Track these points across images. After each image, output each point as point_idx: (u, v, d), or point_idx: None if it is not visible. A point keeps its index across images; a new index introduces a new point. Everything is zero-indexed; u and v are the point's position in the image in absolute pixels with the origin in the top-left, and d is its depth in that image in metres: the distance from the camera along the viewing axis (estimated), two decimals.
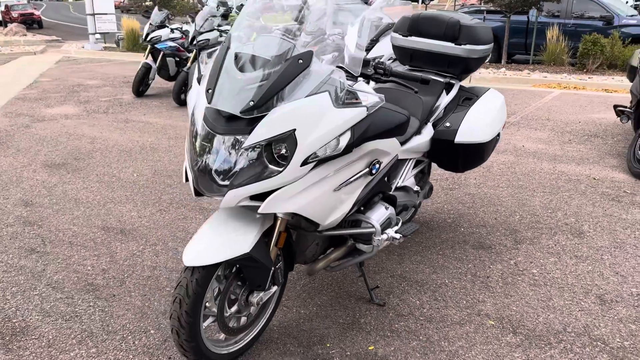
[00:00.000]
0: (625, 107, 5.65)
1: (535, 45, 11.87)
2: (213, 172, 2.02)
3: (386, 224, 2.58)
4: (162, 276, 3.11)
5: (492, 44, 3.23)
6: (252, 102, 1.95)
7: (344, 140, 2.07)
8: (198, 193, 2.11)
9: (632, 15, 11.74)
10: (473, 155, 3.18)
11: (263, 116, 1.96)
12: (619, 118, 5.66)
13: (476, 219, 3.93)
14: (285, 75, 1.97)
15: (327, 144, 2.03)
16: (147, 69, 8.46)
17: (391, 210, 2.62)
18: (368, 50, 3.52)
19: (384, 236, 2.50)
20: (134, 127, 6.72)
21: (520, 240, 3.60)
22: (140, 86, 8.60)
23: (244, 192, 1.97)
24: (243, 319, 2.35)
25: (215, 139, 2.02)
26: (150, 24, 8.47)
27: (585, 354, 2.46)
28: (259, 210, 2.00)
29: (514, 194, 4.46)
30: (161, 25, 8.45)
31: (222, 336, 2.39)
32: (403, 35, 3.25)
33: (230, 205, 2.01)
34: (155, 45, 8.34)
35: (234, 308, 2.27)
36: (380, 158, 2.44)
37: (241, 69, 2.03)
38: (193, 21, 8.22)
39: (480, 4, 14.21)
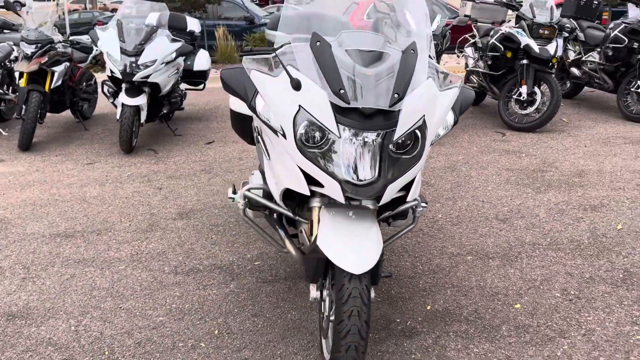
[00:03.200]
0: None
1: (208, 47, 11.94)
2: (368, 171, 1.93)
3: None
4: None
5: None
6: (397, 95, 1.92)
7: (451, 120, 2.22)
8: (348, 199, 1.99)
9: (268, 15, 12.63)
10: None
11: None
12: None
13: None
14: (408, 66, 1.98)
15: (444, 126, 2.17)
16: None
17: None
18: None
19: (424, 205, 2.42)
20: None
21: None
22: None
23: (398, 185, 1.99)
24: None
25: (363, 138, 1.92)
26: None
27: None
28: (408, 199, 2.13)
29: None
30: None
31: None
32: None
33: (386, 201, 2.00)
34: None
35: None
36: None
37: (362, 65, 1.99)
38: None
39: None
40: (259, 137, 2.44)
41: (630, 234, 3.38)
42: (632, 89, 6.12)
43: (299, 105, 1.96)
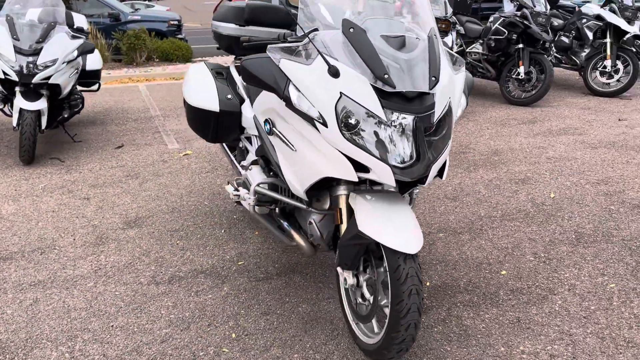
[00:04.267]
0: None
1: None
2: (411, 153, 1.94)
3: None
4: None
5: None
6: (434, 78, 1.97)
7: (464, 101, 2.33)
8: (399, 183, 2.05)
9: (135, 11, 13.02)
10: None
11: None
12: None
13: None
14: (435, 50, 2.04)
15: (461, 107, 2.27)
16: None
17: None
18: None
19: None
20: None
21: None
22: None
23: (438, 166, 2.03)
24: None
25: (406, 121, 1.92)
26: None
27: None
28: (443, 178, 2.21)
29: None
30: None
31: None
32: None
33: (429, 181, 2.03)
34: None
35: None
36: None
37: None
38: None
39: None
40: (272, 129, 2.34)
41: (564, 200, 3.81)
42: (512, 76, 6.84)
43: (340, 92, 1.94)
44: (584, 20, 7.32)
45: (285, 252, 3.14)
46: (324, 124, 1.96)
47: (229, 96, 3.16)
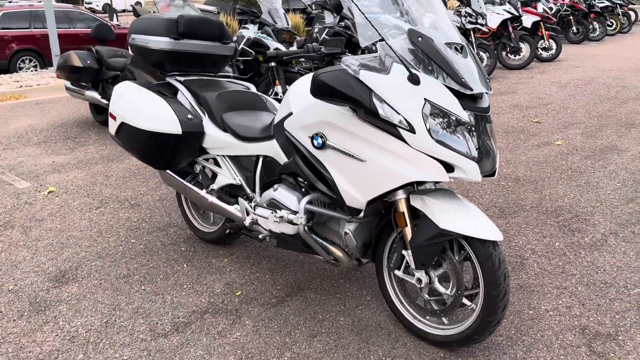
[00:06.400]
0: None
1: None
2: (483, 149, 2.07)
3: None
4: None
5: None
6: (488, 80, 2.13)
7: None
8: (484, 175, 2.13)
9: None
10: None
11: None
12: None
13: None
14: (474, 53, 2.21)
15: None
16: None
17: None
18: None
19: None
20: None
21: None
22: None
23: (498, 158, 2.15)
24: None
25: (480, 120, 2.08)
26: None
27: None
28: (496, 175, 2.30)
29: None
30: None
31: None
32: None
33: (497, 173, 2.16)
34: None
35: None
36: None
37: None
38: None
39: None
40: (325, 143, 2.26)
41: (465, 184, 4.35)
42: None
43: (425, 99, 2.00)
44: None
45: (273, 272, 2.98)
46: (412, 130, 2.00)
47: (189, 116, 2.89)
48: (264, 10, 6.48)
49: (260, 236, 2.76)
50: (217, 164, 2.99)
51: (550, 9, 13.94)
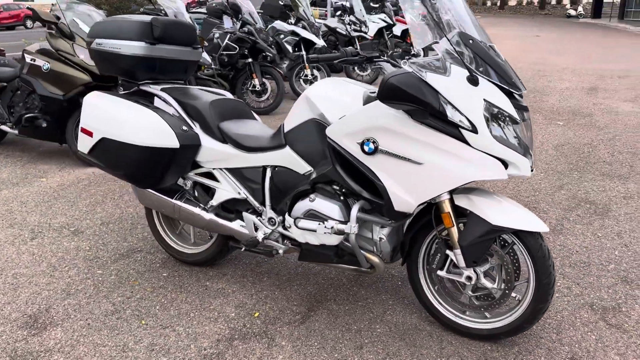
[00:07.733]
0: None
1: None
2: (531, 144, 2.17)
3: None
4: None
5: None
6: (520, 80, 2.18)
7: None
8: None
9: None
10: None
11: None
12: None
13: None
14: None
15: None
16: None
17: None
18: None
19: None
20: None
21: None
22: None
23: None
24: None
25: (525, 116, 2.15)
26: None
27: None
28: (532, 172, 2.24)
29: None
30: None
31: None
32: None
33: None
34: None
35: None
36: None
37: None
38: None
39: None
40: (377, 148, 2.19)
41: None
42: (249, 89, 7.23)
43: (484, 99, 2.04)
44: (282, 36, 8.27)
45: (281, 288, 2.82)
46: (474, 130, 2.03)
47: (184, 127, 2.65)
48: (169, 13, 6.09)
49: (277, 251, 2.60)
50: (212, 178, 2.76)
51: None
